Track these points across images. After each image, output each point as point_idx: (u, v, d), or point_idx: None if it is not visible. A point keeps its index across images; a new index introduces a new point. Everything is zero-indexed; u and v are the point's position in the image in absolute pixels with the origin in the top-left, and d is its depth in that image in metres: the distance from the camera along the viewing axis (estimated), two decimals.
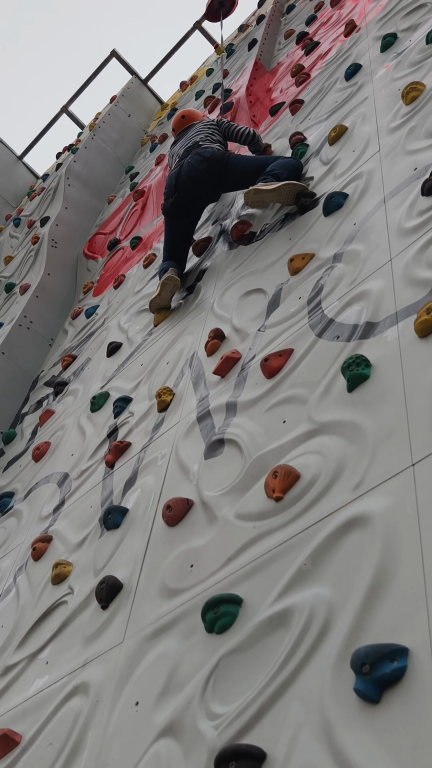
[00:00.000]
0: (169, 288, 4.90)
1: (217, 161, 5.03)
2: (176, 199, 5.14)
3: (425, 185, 3.05)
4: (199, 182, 5.07)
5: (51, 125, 13.93)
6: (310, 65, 6.66)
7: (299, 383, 2.86)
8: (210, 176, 5.05)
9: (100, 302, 7.15)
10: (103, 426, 4.54)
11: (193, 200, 5.19)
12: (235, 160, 5.05)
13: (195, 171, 5.05)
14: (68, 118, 13.90)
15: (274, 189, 4.25)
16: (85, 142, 10.95)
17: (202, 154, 5.08)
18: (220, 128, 5.58)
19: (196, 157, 5.08)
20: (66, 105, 13.78)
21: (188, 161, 5.12)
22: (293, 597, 2.05)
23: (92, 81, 13.60)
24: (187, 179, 5.08)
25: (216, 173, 5.04)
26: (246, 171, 4.94)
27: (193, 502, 2.92)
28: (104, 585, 2.96)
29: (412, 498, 1.94)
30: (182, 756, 2.02)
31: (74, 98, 13.80)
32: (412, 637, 1.64)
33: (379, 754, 1.52)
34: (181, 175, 5.11)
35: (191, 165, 5.07)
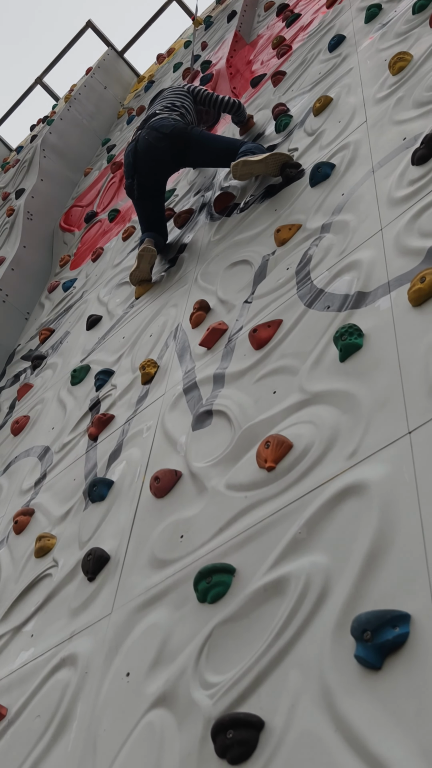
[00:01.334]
0: (147, 259, 4.78)
1: (179, 137, 4.74)
2: (138, 180, 4.90)
3: (416, 154, 3.02)
4: (159, 160, 4.81)
5: (25, 97, 13.69)
6: (291, 37, 6.58)
7: (289, 354, 2.84)
8: (171, 154, 4.79)
9: (78, 276, 7.06)
10: (84, 399, 4.49)
11: (155, 178, 4.93)
12: (202, 137, 4.80)
13: (154, 149, 4.76)
14: (43, 90, 13.66)
15: (261, 159, 4.19)
16: (61, 113, 10.77)
17: (159, 129, 4.77)
18: (193, 96, 5.33)
19: (154, 133, 4.77)
20: (40, 76, 13.53)
21: (144, 137, 4.81)
22: (288, 565, 2.04)
23: (67, 52, 13.36)
24: (146, 158, 4.81)
25: (178, 150, 4.77)
26: (216, 150, 4.75)
27: (181, 473, 2.89)
28: (91, 557, 2.93)
29: (410, 465, 1.92)
30: (176, 726, 2.01)
31: (49, 69, 13.55)
32: (413, 603, 1.63)
33: (382, 721, 1.51)
34: (138, 152, 4.83)
35: (148, 142, 4.77)
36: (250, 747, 1.73)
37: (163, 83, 10.16)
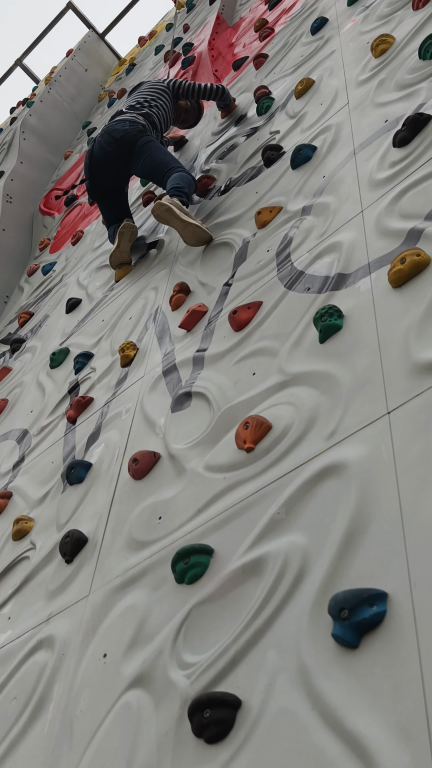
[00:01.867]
0: (127, 237, 4.67)
1: (128, 143, 4.57)
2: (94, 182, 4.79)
3: (397, 136, 3.01)
4: (111, 165, 4.69)
5: (4, 79, 13.52)
6: (274, 20, 6.54)
7: (269, 335, 2.82)
8: (120, 160, 4.65)
9: (58, 259, 7.00)
10: (63, 382, 4.45)
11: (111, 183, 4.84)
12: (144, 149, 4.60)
13: (105, 153, 4.65)
14: (22, 72, 13.50)
15: (185, 222, 3.89)
16: (41, 96, 10.65)
17: (112, 134, 4.65)
18: (174, 91, 5.18)
19: (106, 137, 4.66)
20: (20, 58, 13.36)
21: (99, 140, 4.70)
22: (267, 545, 2.03)
23: (47, 34, 13.21)
24: (100, 163, 4.70)
25: (125, 156, 4.62)
26: (150, 165, 4.57)
27: (160, 455, 2.88)
28: (68, 539, 2.91)
29: (389, 445, 1.92)
30: (153, 705, 2.00)
31: (29, 51, 13.39)
32: (391, 582, 1.63)
33: (359, 698, 1.51)
34: (93, 156, 4.71)
35: (101, 146, 4.67)
36: (227, 726, 1.73)
37: (145, 66, 10.08)
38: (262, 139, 4.49)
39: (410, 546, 1.65)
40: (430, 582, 1.56)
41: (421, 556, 1.61)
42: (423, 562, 1.60)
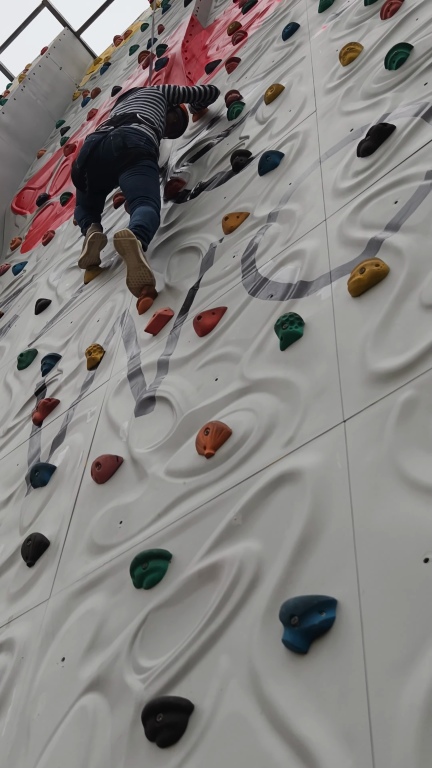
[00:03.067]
0: (97, 245, 4.77)
1: (136, 157, 4.44)
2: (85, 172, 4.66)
3: (361, 146, 3.05)
4: (110, 166, 4.54)
5: None
6: (247, 24, 6.57)
7: (232, 341, 2.85)
8: (119, 165, 4.49)
9: (29, 259, 6.98)
10: (30, 384, 4.45)
11: (100, 179, 4.71)
12: (142, 168, 4.44)
13: (109, 154, 4.50)
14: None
15: (140, 263, 3.82)
16: (14, 93, 10.60)
17: (126, 140, 4.47)
18: (169, 97, 5.04)
19: (119, 140, 4.49)
20: None
21: (111, 140, 4.52)
22: (223, 551, 2.06)
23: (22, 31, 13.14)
24: (100, 159, 4.55)
25: (124, 163, 4.47)
26: (134, 183, 4.39)
27: (122, 459, 2.89)
28: (30, 542, 2.92)
29: (343, 453, 1.95)
30: (109, 709, 2.02)
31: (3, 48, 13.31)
32: (340, 589, 1.66)
33: (306, 704, 1.54)
34: (97, 150, 4.56)
35: (110, 146, 4.49)
36: (179, 730, 1.75)
37: (119, 65, 10.07)
38: (231, 143, 4.51)
39: (360, 553, 1.69)
40: (377, 589, 1.59)
41: (370, 564, 1.65)
42: (372, 570, 1.63)
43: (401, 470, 1.75)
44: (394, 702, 1.39)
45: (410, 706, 1.36)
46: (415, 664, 1.41)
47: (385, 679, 1.44)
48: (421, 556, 1.55)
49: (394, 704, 1.39)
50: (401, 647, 1.45)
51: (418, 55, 3.28)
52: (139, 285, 3.83)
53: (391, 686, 1.42)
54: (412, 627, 1.46)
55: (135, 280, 3.84)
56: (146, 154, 4.46)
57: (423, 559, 1.54)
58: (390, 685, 1.42)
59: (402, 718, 1.35)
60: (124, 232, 3.85)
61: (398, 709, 1.37)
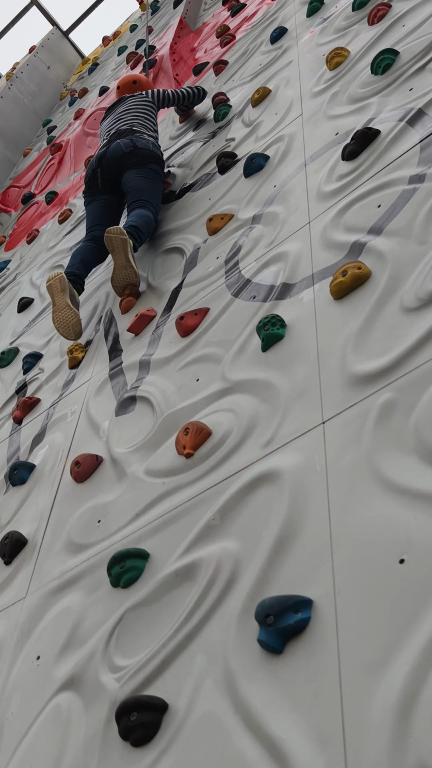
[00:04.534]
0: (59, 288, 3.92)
1: (139, 154, 4.39)
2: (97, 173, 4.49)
3: (345, 150, 3.06)
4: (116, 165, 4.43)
5: None
6: (235, 27, 6.58)
7: (214, 342, 2.85)
8: (125, 162, 4.40)
9: (12, 257, 6.95)
10: (11, 382, 4.43)
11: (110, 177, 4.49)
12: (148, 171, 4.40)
13: (118, 152, 4.41)
14: None
15: (128, 262, 3.80)
16: (1, 91, 10.55)
17: (134, 141, 4.46)
18: (159, 101, 5.01)
19: (128, 141, 4.45)
20: None
21: (120, 143, 4.45)
22: (200, 551, 2.05)
23: (10, 29, 13.10)
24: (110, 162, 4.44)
25: (129, 162, 4.40)
26: (139, 184, 4.32)
27: (102, 458, 2.89)
28: (8, 540, 2.90)
29: (322, 455, 1.95)
30: (83, 708, 2.01)
31: None
32: (316, 589, 1.66)
33: (280, 703, 1.54)
34: (106, 156, 4.46)
35: (118, 147, 4.43)
36: (153, 729, 1.74)
37: (107, 66, 10.05)
38: (217, 145, 4.52)
39: (336, 554, 1.69)
40: (353, 590, 1.59)
41: (346, 565, 1.65)
42: (347, 570, 1.64)
43: (379, 472, 1.76)
44: (368, 702, 1.39)
45: (383, 707, 1.36)
46: (388, 664, 1.41)
47: (359, 679, 1.44)
48: (397, 557, 1.55)
49: (367, 705, 1.39)
50: (375, 648, 1.46)
51: (404, 61, 3.29)
52: (123, 284, 3.82)
53: (365, 687, 1.42)
54: (386, 628, 1.47)
55: (120, 279, 3.82)
56: (155, 156, 4.45)
57: (398, 560, 1.54)
58: (363, 685, 1.43)
59: (375, 719, 1.36)
60: (116, 229, 3.82)
61: (371, 710, 1.37)
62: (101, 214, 4.47)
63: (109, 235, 3.81)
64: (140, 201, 4.21)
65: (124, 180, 4.39)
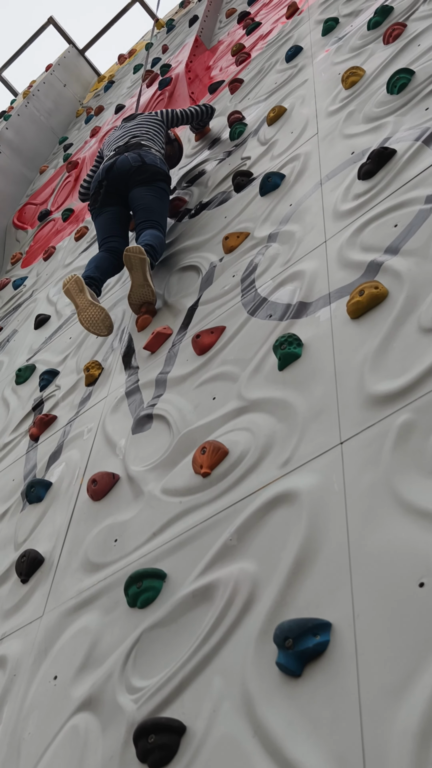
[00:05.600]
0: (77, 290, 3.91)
1: (147, 171, 4.38)
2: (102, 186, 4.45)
3: (362, 169, 3.07)
4: (123, 179, 4.39)
5: None
6: (250, 45, 6.63)
7: (230, 360, 2.86)
8: (133, 178, 4.37)
9: (29, 274, 7.00)
10: (28, 399, 4.45)
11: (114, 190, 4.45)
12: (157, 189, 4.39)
13: (126, 166, 4.38)
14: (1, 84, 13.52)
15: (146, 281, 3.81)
16: (18, 109, 10.67)
17: (142, 156, 4.44)
18: (168, 121, 5.01)
19: (136, 156, 4.44)
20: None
21: (127, 156, 4.44)
22: (218, 572, 2.05)
23: (27, 47, 13.25)
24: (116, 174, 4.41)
25: (136, 179, 4.37)
26: (148, 202, 4.31)
27: (119, 476, 2.89)
28: (25, 559, 2.91)
29: (340, 476, 1.95)
30: (100, 729, 2.00)
31: (8, 64, 13.41)
32: (335, 612, 1.65)
33: (299, 727, 1.53)
34: (113, 169, 4.43)
35: (126, 161, 4.41)
36: (171, 751, 1.74)
37: (123, 84, 10.14)
38: (233, 164, 4.54)
39: (355, 577, 1.68)
40: (372, 613, 1.59)
41: (365, 587, 1.64)
42: (367, 593, 1.63)
43: (397, 493, 1.75)
44: (388, 727, 1.39)
45: (404, 732, 1.35)
46: (409, 688, 1.40)
47: (379, 703, 1.43)
48: (417, 581, 1.54)
49: (387, 729, 1.38)
50: (395, 671, 1.45)
51: (419, 81, 3.31)
52: (140, 302, 3.84)
53: (385, 711, 1.41)
54: (406, 651, 1.46)
55: (137, 297, 3.84)
56: (162, 174, 4.45)
57: (418, 584, 1.53)
58: (384, 709, 1.42)
59: (395, 744, 1.35)
60: (136, 248, 3.83)
61: (392, 734, 1.36)
62: (113, 226, 4.45)
63: (128, 253, 3.83)
64: (151, 221, 4.23)
65: (133, 196, 4.39)
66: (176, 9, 11.54)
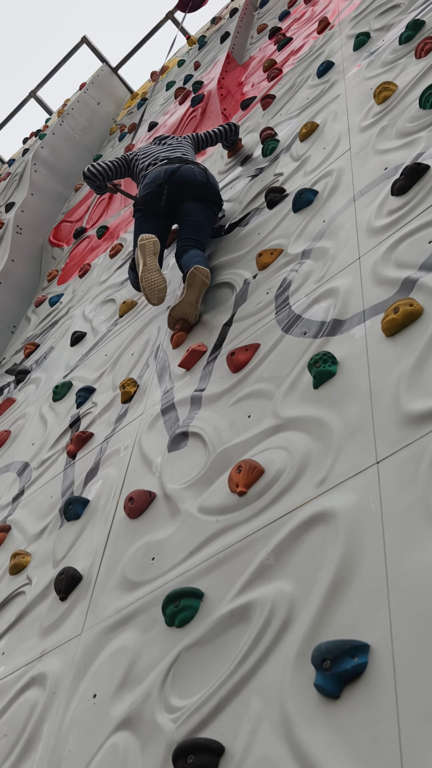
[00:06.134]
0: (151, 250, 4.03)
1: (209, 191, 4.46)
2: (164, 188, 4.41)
3: (395, 185, 3.07)
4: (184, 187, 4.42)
5: (18, 110, 13.77)
6: (282, 61, 6.66)
7: (265, 378, 2.87)
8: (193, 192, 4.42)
9: (65, 291, 7.08)
10: (65, 416, 4.50)
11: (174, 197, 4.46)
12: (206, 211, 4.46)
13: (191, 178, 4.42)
14: (36, 104, 13.74)
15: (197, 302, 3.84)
16: (53, 128, 10.83)
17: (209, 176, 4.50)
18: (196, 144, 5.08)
19: (202, 172, 4.49)
20: (34, 90, 13.62)
21: (194, 168, 4.48)
22: (255, 592, 2.06)
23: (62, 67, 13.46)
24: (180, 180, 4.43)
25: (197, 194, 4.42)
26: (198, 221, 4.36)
27: (155, 494, 2.91)
28: (63, 576, 2.94)
29: (376, 495, 1.95)
30: (139, 749, 2.02)
31: (43, 83, 13.64)
32: (373, 634, 1.65)
33: (338, 750, 1.53)
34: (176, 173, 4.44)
35: (192, 173, 4.44)
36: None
37: (156, 101, 10.24)
38: (266, 180, 4.57)
39: (393, 598, 1.68)
40: (411, 635, 1.58)
41: (403, 609, 1.64)
42: (405, 615, 1.62)
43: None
44: (428, 750, 1.38)
45: None
46: None
47: (418, 726, 1.43)
48: None
49: (427, 752, 1.38)
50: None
51: None
52: (180, 318, 3.87)
53: (424, 734, 1.41)
54: None
55: (180, 313, 3.86)
56: (220, 199, 4.57)
57: None
58: (423, 732, 1.41)
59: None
60: (205, 271, 3.84)
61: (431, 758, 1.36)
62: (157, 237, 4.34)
63: (196, 272, 3.83)
64: (197, 241, 4.26)
65: (187, 209, 4.40)
66: (208, 25, 11.64)
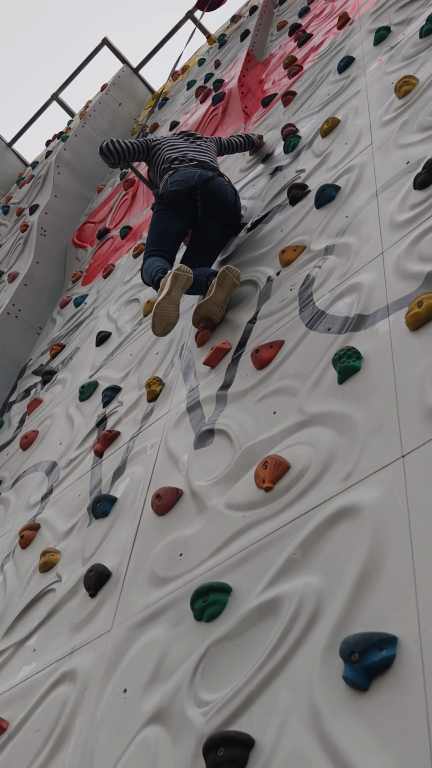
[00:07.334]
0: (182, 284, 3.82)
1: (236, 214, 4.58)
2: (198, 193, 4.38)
3: (417, 179, 3.06)
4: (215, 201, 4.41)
5: (41, 112, 13.86)
6: (302, 57, 6.65)
7: (290, 375, 2.87)
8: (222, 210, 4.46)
9: (89, 291, 7.13)
10: (91, 415, 4.54)
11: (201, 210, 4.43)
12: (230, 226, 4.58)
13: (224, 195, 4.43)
14: (58, 106, 13.83)
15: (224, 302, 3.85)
16: (75, 130, 10.90)
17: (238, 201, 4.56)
18: (219, 147, 5.07)
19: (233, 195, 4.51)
20: (56, 92, 13.70)
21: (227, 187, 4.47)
22: (283, 586, 2.07)
23: (83, 69, 13.54)
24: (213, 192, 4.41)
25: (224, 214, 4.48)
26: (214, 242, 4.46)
27: (182, 491, 2.93)
28: (93, 573, 2.97)
29: (402, 489, 1.95)
30: (170, 742, 2.04)
31: (65, 86, 13.72)
32: (400, 627, 1.66)
33: (367, 742, 1.54)
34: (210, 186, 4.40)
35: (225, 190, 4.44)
36: (240, 765, 1.76)
37: (177, 100, 10.26)
38: (288, 177, 4.57)
39: (420, 591, 1.68)
40: None
41: (431, 601, 1.64)
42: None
43: None
44: None
45: None
46: None
47: None
48: None
49: None
50: None
51: None
52: (205, 316, 3.87)
53: None
54: None
55: (206, 311, 3.86)
56: (240, 227, 4.64)
57: None
58: None
59: None
60: (236, 272, 3.85)
61: None
62: (175, 241, 4.42)
63: (228, 272, 3.83)
64: (207, 264, 4.33)
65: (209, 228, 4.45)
66: (228, 24, 11.64)
